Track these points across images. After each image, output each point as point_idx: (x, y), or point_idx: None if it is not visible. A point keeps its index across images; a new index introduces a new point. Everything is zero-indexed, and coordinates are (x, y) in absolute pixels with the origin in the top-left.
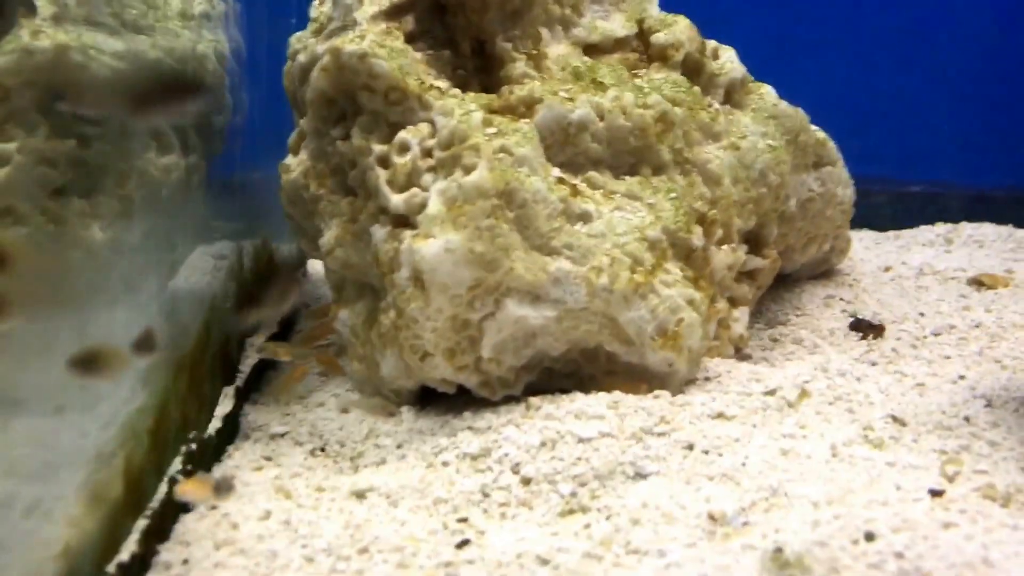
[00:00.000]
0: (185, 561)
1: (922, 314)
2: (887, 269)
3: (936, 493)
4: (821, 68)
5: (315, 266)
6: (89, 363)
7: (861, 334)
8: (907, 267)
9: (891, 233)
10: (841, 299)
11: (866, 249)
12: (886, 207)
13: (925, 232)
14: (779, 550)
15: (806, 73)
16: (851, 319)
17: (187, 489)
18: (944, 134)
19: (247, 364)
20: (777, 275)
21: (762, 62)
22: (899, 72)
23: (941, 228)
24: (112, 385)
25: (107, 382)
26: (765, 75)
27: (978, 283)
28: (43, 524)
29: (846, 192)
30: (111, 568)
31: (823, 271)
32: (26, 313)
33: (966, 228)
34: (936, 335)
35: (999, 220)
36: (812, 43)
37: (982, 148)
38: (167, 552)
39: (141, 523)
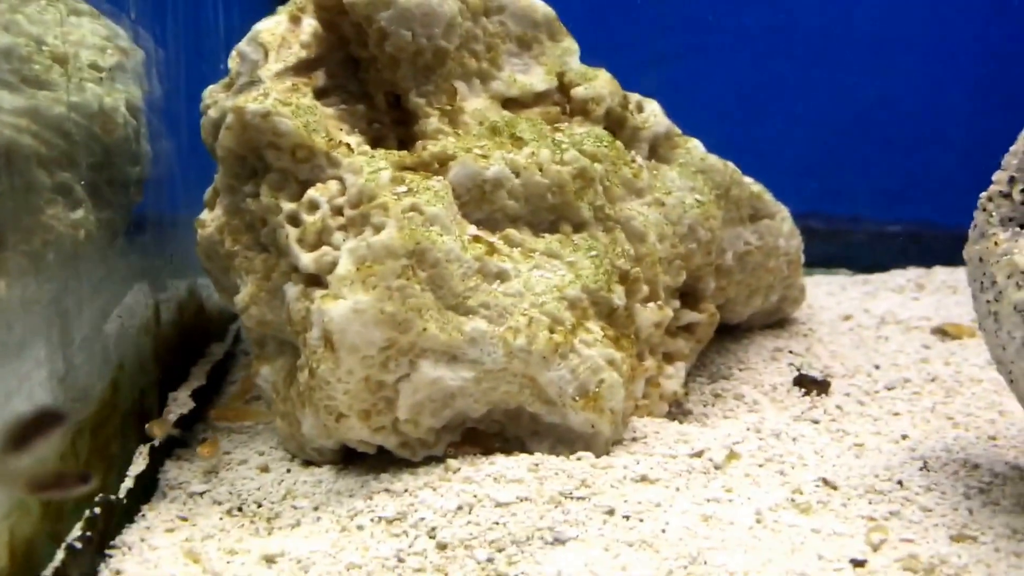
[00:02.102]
0: None
1: (877, 366)
2: (847, 318)
3: (858, 563)
4: (800, 107)
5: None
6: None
7: (804, 390)
8: (869, 315)
9: (860, 277)
10: (790, 351)
11: (828, 295)
12: (865, 247)
13: (896, 276)
14: None
15: (786, 113)
16: (795, 374)
17: None
18: (925, 173)
19: (168, 420)
20: (725, 326)
21: (734, 104)
22: (878, 110)
23: (913, 272)
24: None
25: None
26: (739, 118)
27: (942, 332)
28: None
29: (790, 243)
30: None
31: (776, 320)
32: None
33: (939, 273)
34: (889, 389)
35: None
36: (789, 84)
37: (964, 187)
38: None
39: None
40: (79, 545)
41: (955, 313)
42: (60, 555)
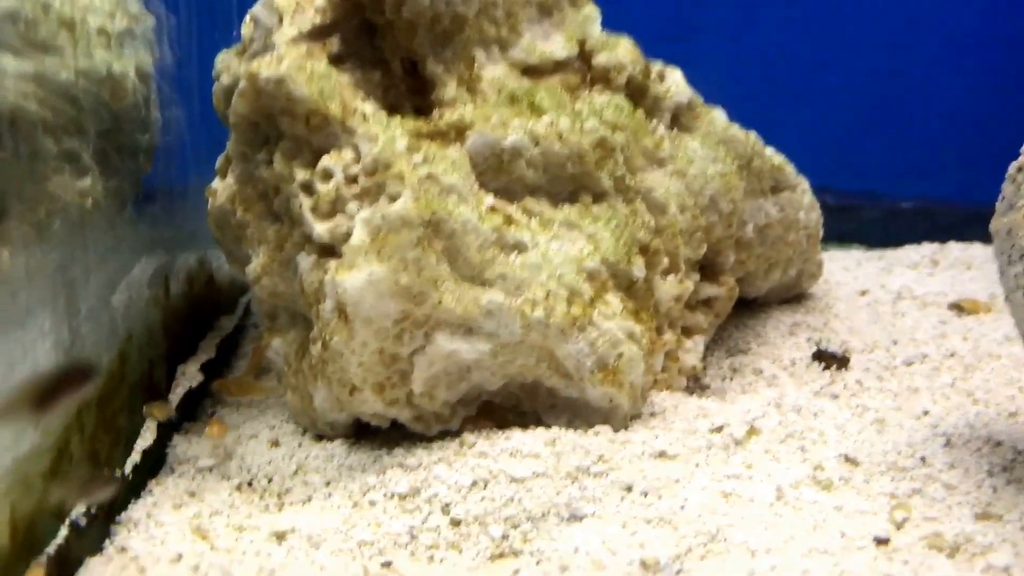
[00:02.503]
0: None
1: (895, 342)
2: (864, 293)
3: (881, 541)
4: (813, 84)
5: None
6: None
7: (824, 365)
8: (885, 291)
9: (875, 253)
10: (808, 326)
11: (845, 271)
12: (878, 223)
13: (911, 252)
14: None
15: (797, 89)
16: (815, 349)
17: None
18: (938, 149)
19: (178, 393)
20: (743, 301)
21: (749, 79)
22: (891, 86)
23: (927, 248)
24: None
25: None
26: (754, 93)
27: (958, 308)
28: None
29: (810, 216)
30: None
31: (793, 296)
32: None
33: (954, 249)
34: (907, 365)
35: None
36: (803, 58)
37: (977, 163)
38: None
39: (35, 572)
40: (83, 522)
41: (970, 289)
42: (63, 532)
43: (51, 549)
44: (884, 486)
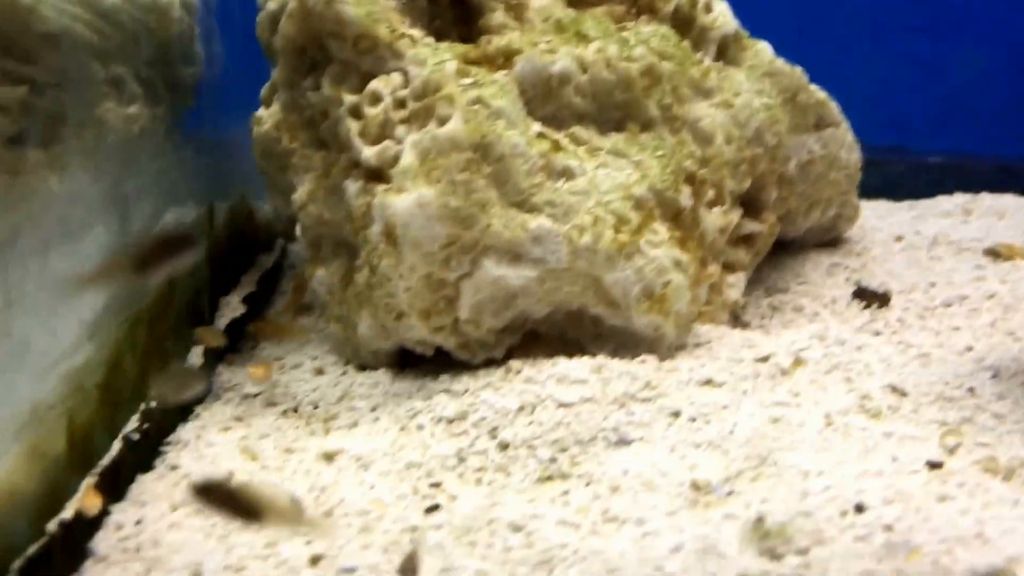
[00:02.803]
0: (138, 522)
1: (933, 284)
2: (899, 239)
3: (934, 465)
4: (839, 36)
5: None
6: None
7: (865, 303)
8: (920, 237)
9: (906, 203)
10: (847, 267)
11: (879, 218)
12: (905, 178)
13: (943, 202)
14: (760, 520)
15: (823, 40)
16: (855, 287)
17: None
18: (966, 104)
19: (221, 323)
20: (779, 242)
21: (781, 34)
22: (918, 39)
23: (960, 198)
24: (46, 336)
25: None
26: (784, 49)
27: (994, 254)
28: None
29: (851, 156)
30: (51, 526)
31: (830, 239)
32: None
33: (986, 199)
34: (947, 306)
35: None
36: (834, 13)
37: (1006, 117)
38: (120, 512)
39: (89, 480)
40: (136, 437)
41: (1005, 236)
42: (117, 446)
43: (105, 461)
44: (933, 415)
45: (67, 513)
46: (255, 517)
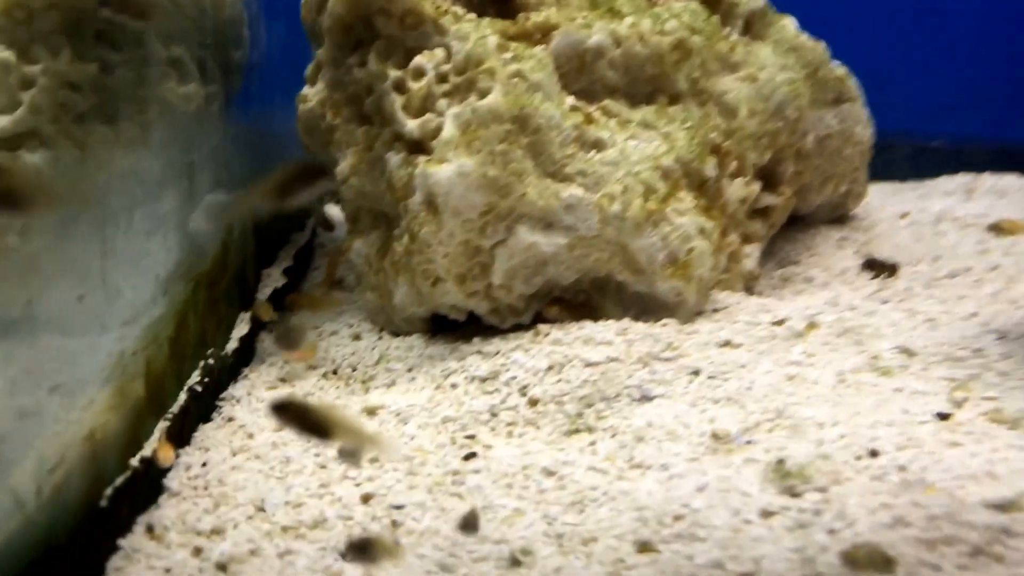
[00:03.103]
0: (204, 464)
1: (938, 257)
2: (904, 215)
3: (943, 416)
4: (849, 25)
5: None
6: None
7: (874, 273)
8: (925, 213)
9: (910, 183)
10: (855, 241)
11: (884, 197)
12: (908, 161)
13: (945, 182)
14: (781, 461)
15: (835, 30)
16: (864, 259)
17: None
18: (968, 88)
19: (263, 293)
20: (791, 217)
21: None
22: (923, 26)
23: (962, 178)
24: (130, 288)
25: None
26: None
27: (998, 229)
28: (70, 410)
29: (865, 132)
30: (134, 462)
31: (839, 215)
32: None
33: (988, 178)
34: (951, 277)
35: None
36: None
37: (1008, 100)
38: (187, 455)
39: (162, 425)
40: (199, 389)
41: (1007, 213)
42: (183, 396)
43: (174, 409)
44: (942, 372)
45: (146, 451)
46: (324, 433)
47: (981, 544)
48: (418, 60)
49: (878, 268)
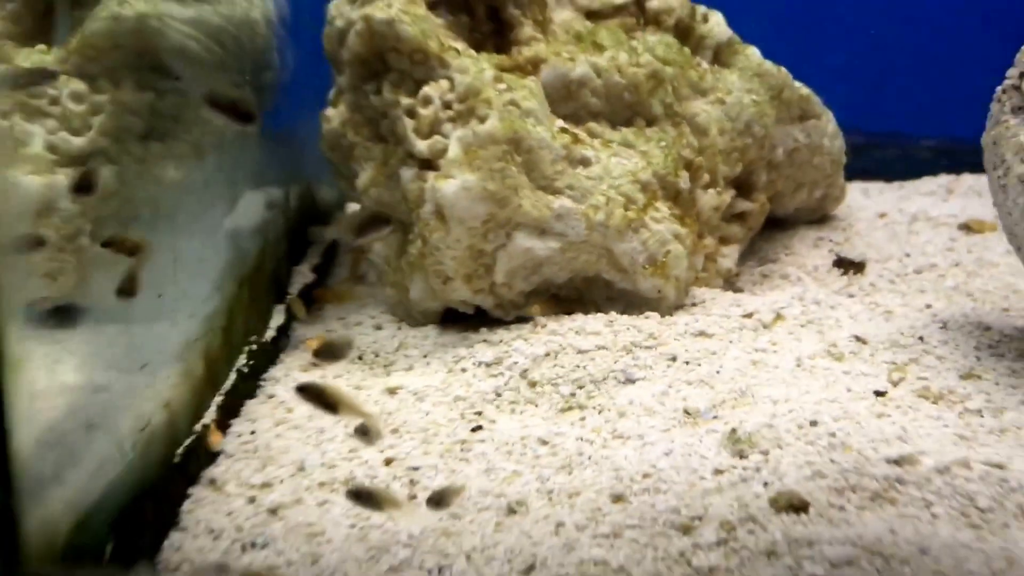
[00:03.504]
0: (252, 432)
1: (907, 254)
2: (882, 215)
3: (879, 393)
4: (842, 33)
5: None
6: None
7: (843, 270)
8: (902, 214)
9: (895, 184)
10: (831, 241)
11: (866, 198)
12: (897, 162)
13: (928, 183)
14: (734, 431)
15: (828, 39)
16: (835, 257)
17: None
18: (956, 91)
19: (294, 288)
20: (772, 219)
21: (786, 30)
22: (913, 34)
23: (944, 179)
24: (192, 287)
25: None
26: (790, 40)
27: (967, 228)
28: (153, 384)
29: (834, 143)
30: (198, 427)
31: (819, 217)
32: None
33: (967, 179)
34: (917, 272)
35: None
36: (836, 11)
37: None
38: (238, 426)
39: (218, 399)
40: (245, 370)
41: (980, 212)
42: (233, 376)
43: (226, 386)
44: (886, 357)
45: (207, 420)
46: (333, 408)
47: (879, 490)
48: (426, 90)
49: (847, 266)
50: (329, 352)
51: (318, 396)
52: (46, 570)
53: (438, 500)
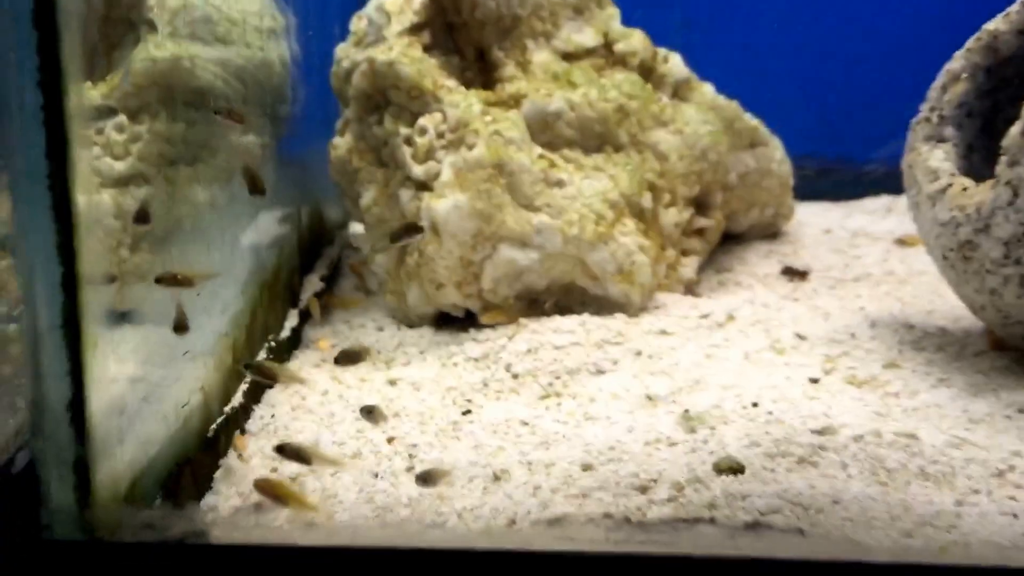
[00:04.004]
0: (272, 415)
1: (847, 265)
2: (828, 231)
3: (813, 380)
4: (798, 69)
5: (357, 228)
6: None
7: (789, 278)
8: (845, 230)
9: (842, 204)
10: (781, 253)
11: (815, 216)
12: (849, 184)
13: (870, 202)
14: (687, 411)
15: (786, 74)
16: (783, 267)
17: None
18: (900, 120)
19: (306, 295)
20: (729, 235)
21: (749, 68)
22: (860, 69)
23: (884, 199)
24: (223, 290)
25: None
26: (754, 77)
27: (901, 242)
28: (194, 369)
29: (782, 167)
30: (227, 409)
31: (771, 232)
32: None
33: (905, 200)
34: (855, 280)
35: None
36: (794, 51)
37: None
38: (259, 410)
39: (243, 387)
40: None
41: (914, 229)
42: None
43: (250, 376)
44: (822, 351)
45: (235, 403)
46: (307, 460)
47: (804, 456)
48: (422, 121)
49: (792, 274)
50: (347, 357)
51: (293, 453)
52: (112, 508)
53: (425, 479)
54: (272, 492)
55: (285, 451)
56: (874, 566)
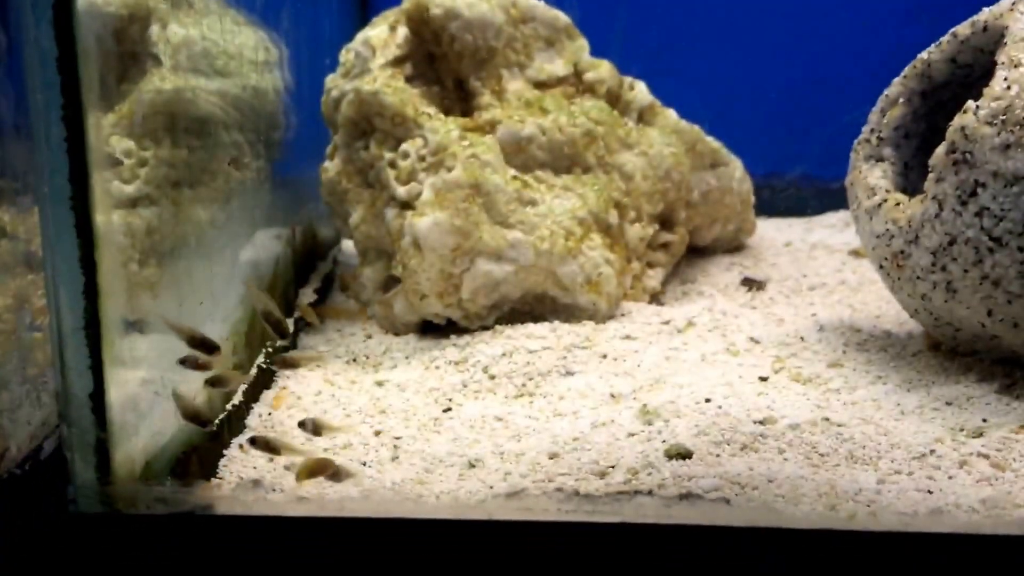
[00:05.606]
0: (269, 414)
1: (804, 275)
2: (788, 245)
3: (763, 378)
4: (761, 93)
5: (347, 245)
6: None
7: (748, 287)
8: (804, 243)
9: (803, 219)
10: (742, 265)
11: (777, 231)
12: (812, 200)
13: (829, 217)
14: (645, 406)
15: (751, 99)
16: (742, 278)
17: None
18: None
19: (299, 306)
20: (694, 248)
21: (718, 94)
22: (821, 92)
23: (843, 214)
24: (224, 299)
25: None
26: (715, 101)
27: (856, 253)
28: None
29: (742, 186)
30: (229, 406)
31: (734, 246)
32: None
33: None
34: (811, 289)
35: None
36: (759, 76)
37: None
38: (257, 408)
39: (243, 386)
40: (264, 366)
41: None
42: (253, 371)
43: (248, 377)
44: (773, 352)
45: (235, 401)
46: (277, 452)
47: (746, 443)
48: (405, 146)
49: (751, 284)
50: (284, 361)
51: (265, 444)
52: (129, 485)
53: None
54: (266, 445)
55: (257, 443)
56: (789, 531)
